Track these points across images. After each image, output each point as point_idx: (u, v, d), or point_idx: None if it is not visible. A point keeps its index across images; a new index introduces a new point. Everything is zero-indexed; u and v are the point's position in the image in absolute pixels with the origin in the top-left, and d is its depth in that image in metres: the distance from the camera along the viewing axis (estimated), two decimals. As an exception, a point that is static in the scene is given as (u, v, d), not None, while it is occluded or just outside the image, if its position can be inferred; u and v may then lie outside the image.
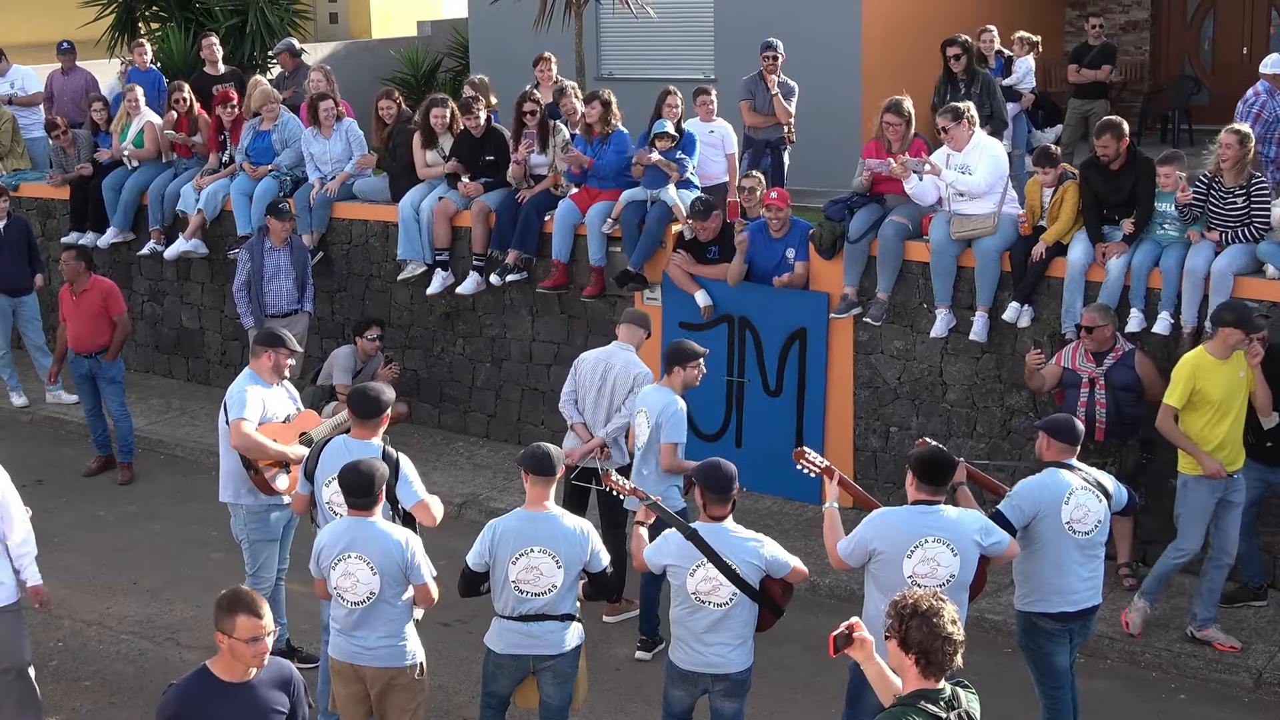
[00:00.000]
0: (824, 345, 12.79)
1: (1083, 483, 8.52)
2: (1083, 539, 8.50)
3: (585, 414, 11.01)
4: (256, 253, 14.14)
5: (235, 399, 9.74)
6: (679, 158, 13.26)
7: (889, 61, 17.62)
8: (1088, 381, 10.86)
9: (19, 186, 17.17)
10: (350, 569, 7.95)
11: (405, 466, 8.87)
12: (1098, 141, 11.60)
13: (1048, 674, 8.73)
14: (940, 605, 5.89)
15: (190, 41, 20.25)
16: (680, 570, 8.05)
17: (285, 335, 10.10)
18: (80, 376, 14.05)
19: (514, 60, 17.87)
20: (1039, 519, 8.41)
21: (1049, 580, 8.51)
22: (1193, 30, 21.27)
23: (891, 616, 5.94)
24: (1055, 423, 8.71)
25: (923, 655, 5.85)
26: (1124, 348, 10.94)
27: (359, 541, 7.98)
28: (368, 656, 8.11)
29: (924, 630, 5.83)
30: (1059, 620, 8.57)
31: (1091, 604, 8.66)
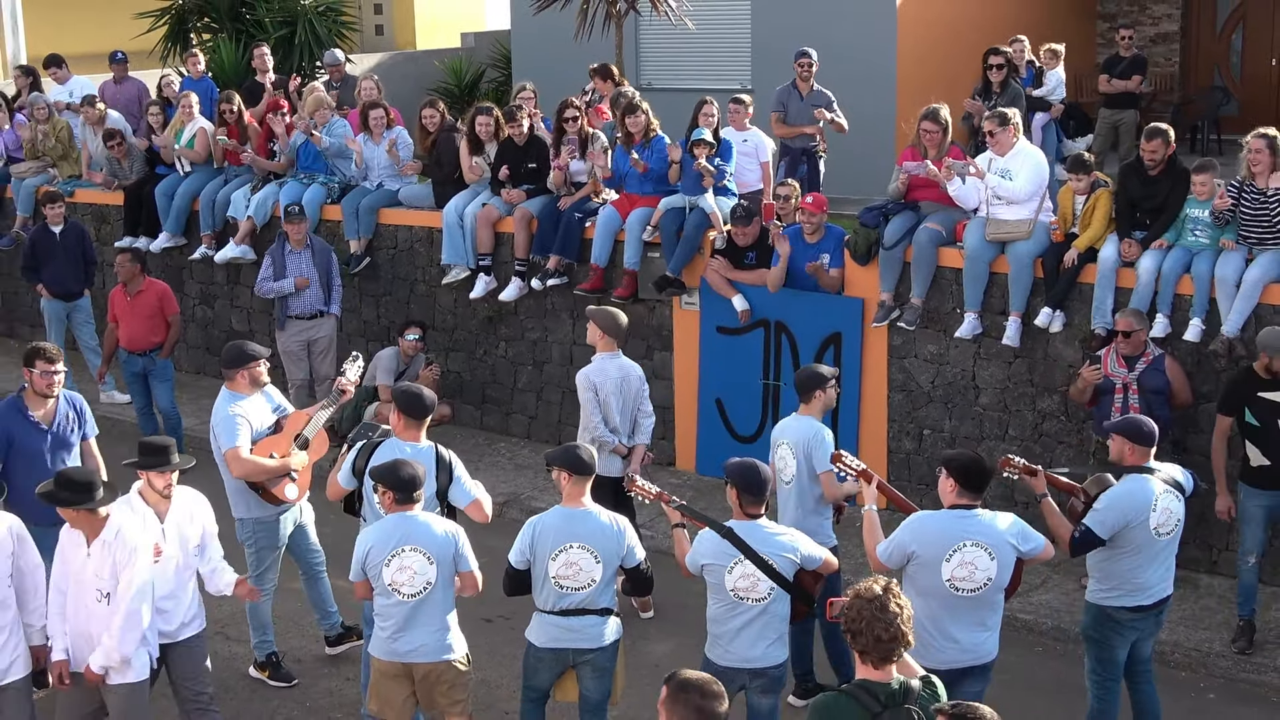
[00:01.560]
0: (859, 349, 12.74)
1: (1165, 487, 8.46)
2: (1166, 540, 8.49)
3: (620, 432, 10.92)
4: (278, 257, 14.17)
5: (222, 427, 9.72)
6: (717, 164, 13.21)
7: (923, 71, 17.56)
8: (1121, 387, 10.79)
9: (75, 192, 17.23)
10: (406, 562, 7.99)
11: (458, 468, 8.95)
12: (1146, 145, 11.49)
13: (1107, 665, 8.66)
14: (881, 595, 5.89)
15: (241, 52, 20.33)
16: (718, 569, 8.02)
17: (249, 347, 9.98)
18: (133, 375, 14.15)
19: (555, 71, 17.88)
20: (1128, 528, 8.35)
21: (1131, 578, 8.48)
22: (1222, 42, 21.15)
23: (845, 607, 5.97)
24: (1134, 426, 8.60)
25: (855, 641, 5.90)
26: (1154, 352, 10.87)
27: (413, 535, 8.03)
28: (419, 653, 8.15)
29: (863, 621, 5.86)
30: (1136, 612, 8.55)
31: (1166, 595, 8.65)
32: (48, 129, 17.49)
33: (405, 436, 8.88)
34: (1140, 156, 11.59)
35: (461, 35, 26.09)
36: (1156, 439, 8.60)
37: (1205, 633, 10.56)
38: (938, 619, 7.92)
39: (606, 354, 10.83)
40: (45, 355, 9.65)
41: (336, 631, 10.51)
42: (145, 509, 8.27)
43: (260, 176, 15.96)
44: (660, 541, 11.71)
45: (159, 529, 8.26)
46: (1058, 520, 8.53)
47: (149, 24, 22.08)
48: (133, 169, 16.85)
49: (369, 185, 15.37)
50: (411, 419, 8.87)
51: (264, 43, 18.79)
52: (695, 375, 13.65)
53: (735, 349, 13.30)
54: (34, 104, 17.54)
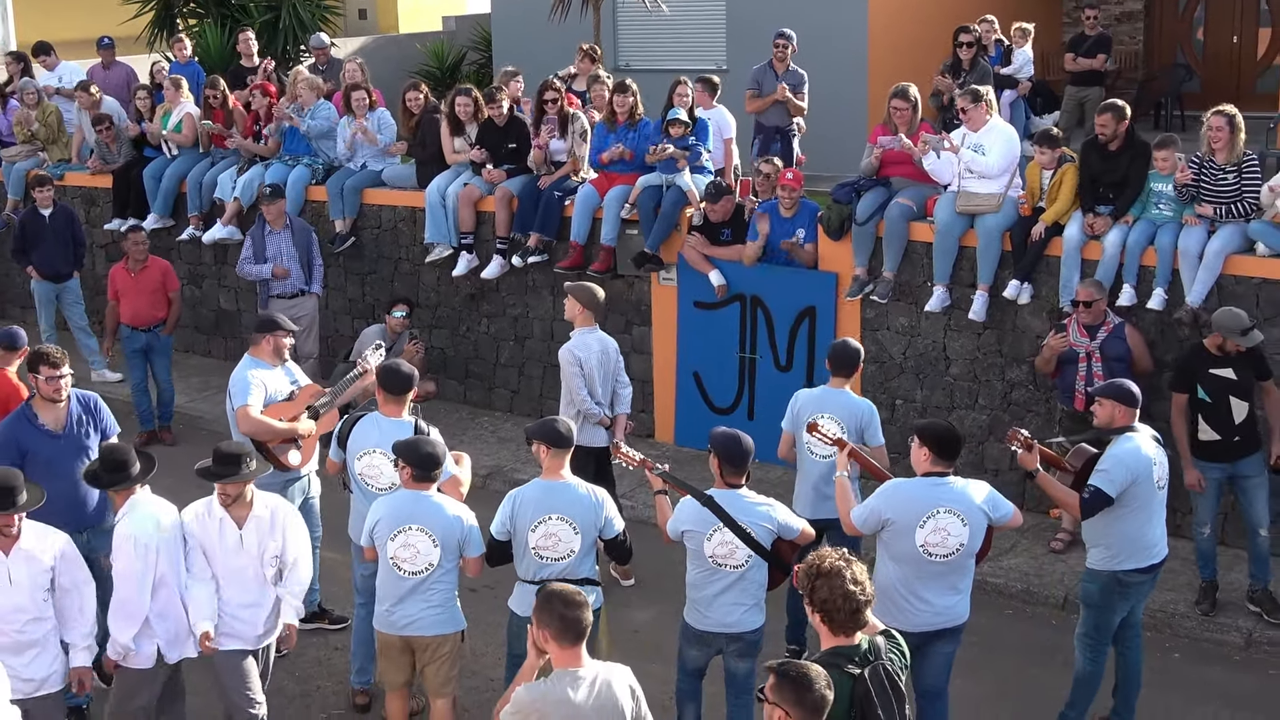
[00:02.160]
0: (832, 322, 12.75)
1: (1154, 444, 8.55)
2: (1162, 494, 8.58)
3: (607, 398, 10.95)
4: (258, 238, 14.15)
5: (238, 386, 9.74)
6: (692, 143, 13.21)
7: (894, 51, 17.57)
8: (1084, 356, 10.85)
9: (64, 176, 17.18)
10: (411, 540, 7.99)
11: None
12: (1098, 120, 11.57)
13: (1103, 630, 8.69)
14: (843, 567, 5.91)
15: (226, 37, 20.24)
16: (697, 535, 8.04)
17: (279, 318, 10.09)
18: (134, 351, 14.18)
19: (535, 53, 17.85)
20: (1134, 484, 8.38)
21: (1139, 537, 8.51)
22: (1184, 21, 21.17)
23: (803, 577, 5.98)
24: (1122, 389, 8.63)
25: (825, 614, 5.92)
26: (1114, 321, 10.94)
27: (421, 515, 8.02)
28: (415, 627, 8.16)
29: (826, 590, 5.89)
30: (1145, 573, 8.61)
31: (1165, 554, 8.72)
32: (38, 114, 17.42)
33: (386, 411, 8.86)
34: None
35: (443, 19, 26.02)
36: (1140, 401, 8.64)
37: (1170, 594, 10.60)
38: (911, 583, 7.96)
39: (586, 328, 10.82)
40: (49, 360, 9.15)
41: (311, 610, 10.38)
42: (222, 514, 8.07)
43: (246, 159, 15.91)
44: (641, 511, 11.74)
45: (236, 535, 8.07)
46: (1060, 490, 8.55)
47: (136, 9, 21.96)
48: (121, 152, 16.79)
49: (353, 166, 15.34)
50: (391, 394, 8.84)
51: (249, 28, 18.70)
52: (673, 349, 13.65)
53: (712, 323, 13.31)
54: (24, 89, 17.46)
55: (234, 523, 8.06)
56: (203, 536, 8.09)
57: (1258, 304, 10.97)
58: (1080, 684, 8.78)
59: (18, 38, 22.53)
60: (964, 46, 14.66)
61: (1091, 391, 9.02)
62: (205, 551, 8.09)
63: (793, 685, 5.39)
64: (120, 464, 8.08)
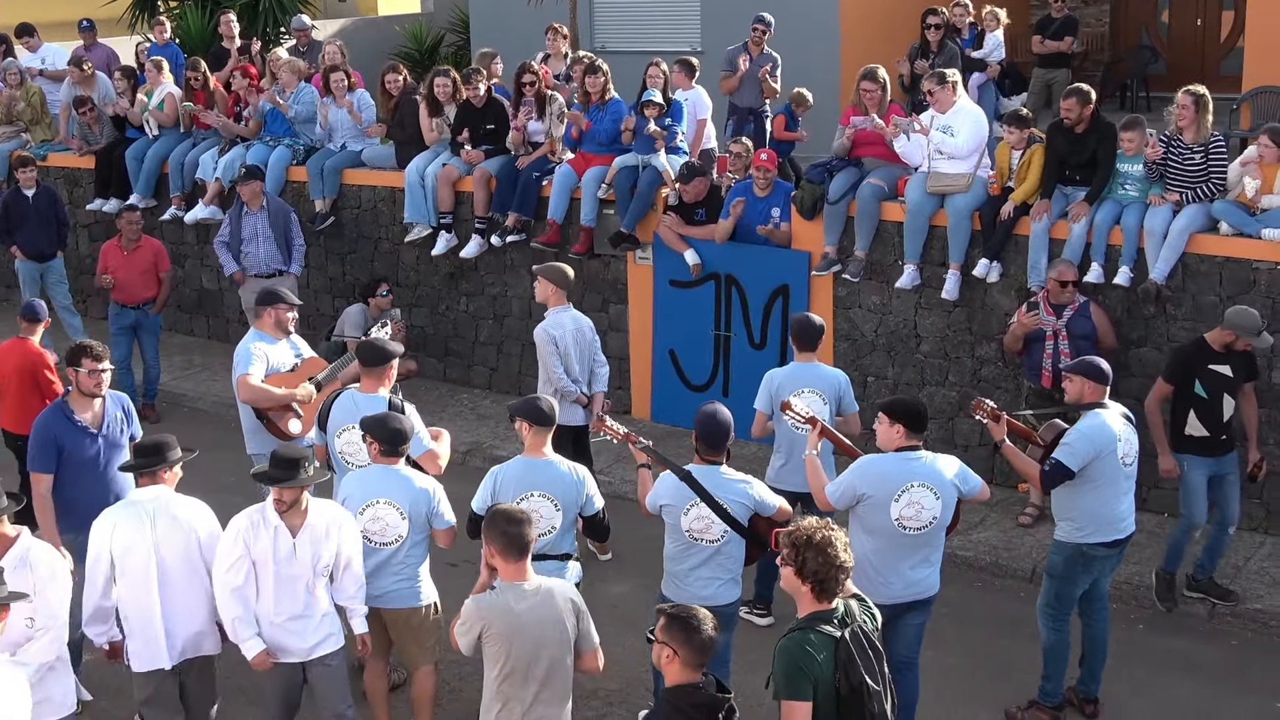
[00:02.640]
0: (805, 300, 12.73)
1: (1123, 421, 8.54)
2: (1129, 470, 8.56)
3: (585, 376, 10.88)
4: (234, 218, 14.07)
5: (240, 356, 9.81)
6: (666, 124, 13.17)
7: (866, 33, 17.54)
8: (1051, 334, 10.87)
9: (47, 156, 17.07)
10: (380, 513, 7.99)
11: (413, 417, 8.81)
12: (1063, 105, 11.59)
13: (1065, 601, 8.71)
14: (832, 535, 5.96)
15: (207, 19, 20.10)
16: (675, 510, 8.03)
17: (281, 291, 10.13)
18: (122, 328, 14.14)
19: (513, 35, 17.77)
20: (1098, 459, 8.38)
21: (1105, 512, 8.51)
22: (1150, 4, 21.16)
23: (787, 547, 5.99)
24: (1092, 366, 8.62)
25: (818, 583, 5.94)
26: (1079, 300, 10.93)
27: (389, 489, 8.03)
28: (387, 600, 8.16)
29: (819, 560, 5.91)
30: (1110, 547, 8.62)
31: (1132, 530, 8.72)
32: (21, 94, 17.28)
33: (364, 388, 8.84)
34: (1065, 114, 11.65)
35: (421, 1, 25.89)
36: (1111, 377, 8.64)
37: (1135, 567, 10.63)
38: (885, 556, 7.97)
39: (559, 308, 10.75)
40: (91, 353, 8.70)
41: None
42: (278, 521, 7.55)
43: (227, 140, 15.82)
44: (618, 487, 11.74)
45: (290, 544, 7.52)
46: (1023, 461, 8.57)
47: (118, -8, 21.83)
48: (103, 133, 16.70)
49: (333, 147, 15.27)
50: (368, 368, 8.83)
51: (229, 10, 18.58)
52: (649, 327, 13.63)
53: (687, 301, 13.28)
54: (6, 70, 17.33)
55: (288, 531, 7.52)
56: (254, 545, 7.50)
57: (1220, 282, 10.99)
58: (1049, 655, 8.81)
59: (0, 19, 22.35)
60: (932, 29, 14.68)
61: (1063, 368, 9.02)
62: (255, 562, 7.51)
63: (682, 626, 5.79)
64: (156, 447, 7.72)
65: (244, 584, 7.51)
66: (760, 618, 10.14)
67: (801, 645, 5.86)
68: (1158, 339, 11.31)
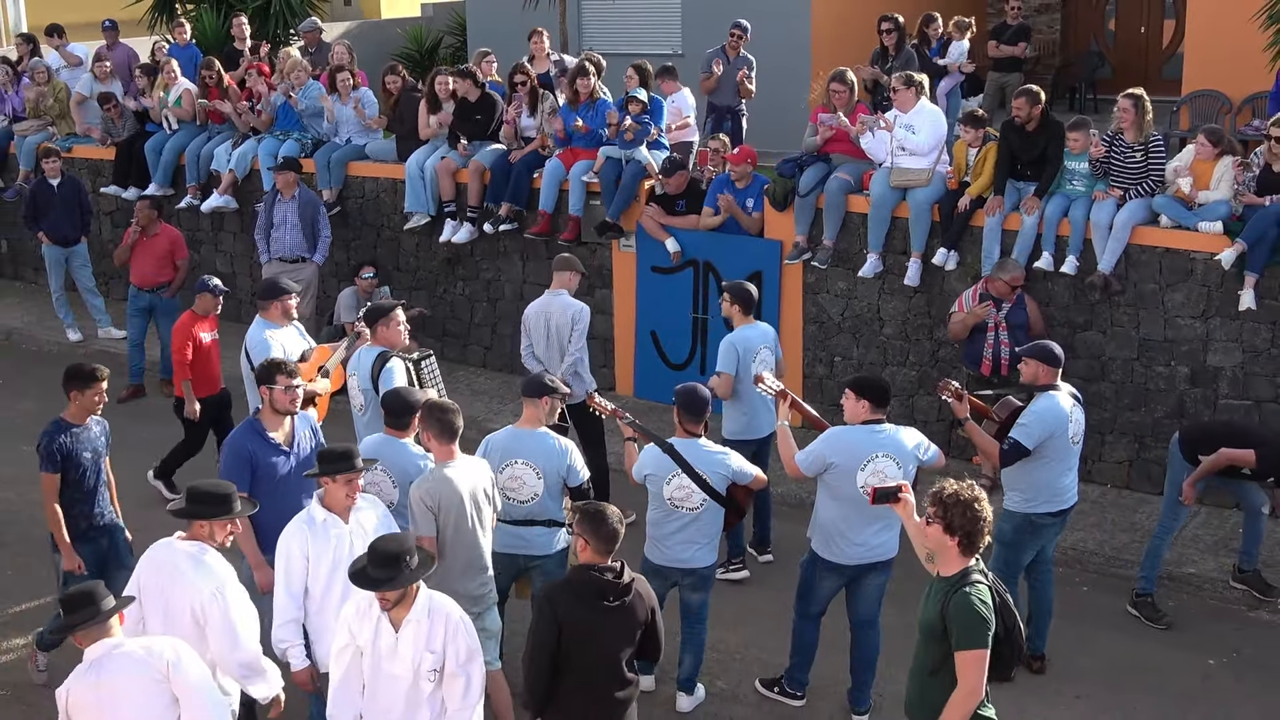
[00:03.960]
0: (777, 286, 12.76)
1: (1073, 401, 8.58)
2: (1077, 448, 8.63)
3: (544, 361, 10.71)
4: (268, 204, 14.08)
5: (257, 347, 9.80)
6: (644, 120, 13.18)
7: (834, 39, 17.54)
8: (993, 325, 10.88)
9: (72, 148, 17.01)
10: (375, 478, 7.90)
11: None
12: (1015, 104, 11.63)
13: (1013, 565, 8.77)
14: (977, 494, 6.07)
15: (221, 20, 20.03)
16: (658, 479, 8.08)
17: (282, 281, 10.22)
18: (138, 309, 14.07)
19: (506, 38, 17.72)
20: (1051, 438, 8.43)
21: (1052, 485, 8.57)
22: (1097, 12, 21.19)
23: (935, 504, 6.08)
24: (1046, 350, 8.62)
25: (965, 537, 6.03)
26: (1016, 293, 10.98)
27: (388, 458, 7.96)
28: None
29: (966, 516, 6.01)
30: (1055, 517, 8.68)
31: (1075, 500, 8.79)
32: (48, 90, 17.22)
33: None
34: (1017, 114, 11.67)
35: (421, 5, 25.83)
36: (1063, 360, 8.69)
37: (1080, 534, 10.70)
38: (850, 520, 8.04)
39: (551, 289, 10.79)
40: (285, 369, 8.02)
41: None
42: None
43: (241, 133, 15.79)
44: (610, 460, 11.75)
45: (393, 639, 6.28)
46: (984, 439, 8.61)
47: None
48: (125, 127, 16.65)
49: (339, 141, 15.26)
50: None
51: (242, 13, 18.52)
52: (633, 310, 13.65)
53: (668, 286, 13.30)
54: (34, 68, 17.28)
55: (391, 625, 6.31)
56: (357, 632, 6.42)
57: (1160, 271, 11.05)
58: None
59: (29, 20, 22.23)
60: (886, 34, 14.67)
61: (1019, 351, 9.05)
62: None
63: (592, 519, 6.44)
64: (345, 454, 7.07)
65: (346, 677, 6.45)
66: (736, 572, 10.20)
67: (976, 599, 5.98)
68: (1101, 323, 11.37)
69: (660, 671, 8.72)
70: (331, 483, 7.05)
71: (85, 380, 8.46)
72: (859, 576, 8.22)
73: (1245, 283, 10.59)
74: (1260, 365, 10.77)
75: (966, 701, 5.97)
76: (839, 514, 8.04)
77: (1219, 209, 10.78)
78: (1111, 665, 9.17)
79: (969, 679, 5.95)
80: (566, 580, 6.52)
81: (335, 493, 7.06)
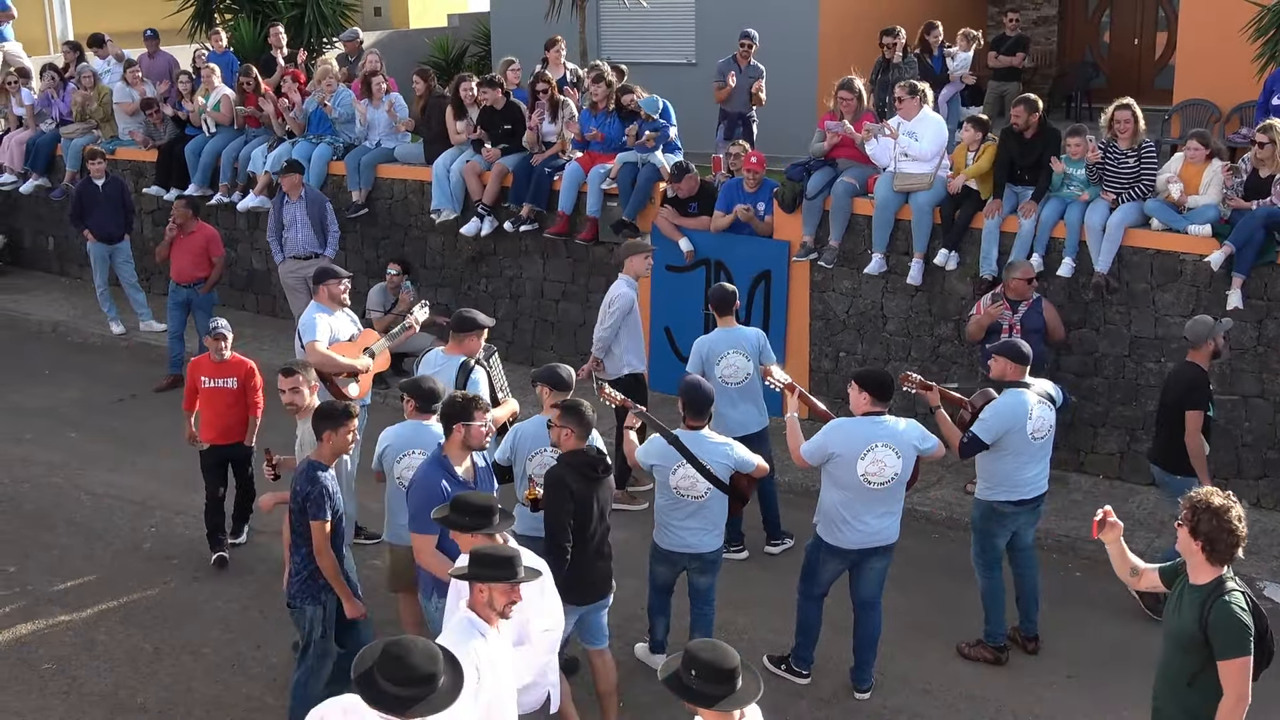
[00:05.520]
0: (785, 284, 12.75)
1: (1038, 399, 8.53)
2: (1040, 443, 8.56)
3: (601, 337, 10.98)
4: (277, 206, 14.10)
5: (306, 326, 9.89)
6: (659, 124, 13.20)
7: (840, 49, 17.48)
8: (1008, 327, 10.77)
9: (115, 150, 17.06)
10: (414, 462, 7.94)
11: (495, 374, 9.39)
12: (1013, 112, 11.62)
13: (989, 551, 8.76)
14: (1230, 504, 5.80)
15: (258, 30, 20.07)
16: (664, 469, 8.07)
17: (334, 267, 10.25)
18: (176, 303, 14.12)
19: (528, 46, 17.71)
20: (1008, 434, 8.41)
21: (1012, 476, 8.55)
22: (1092, 24, 21.14)
23: (1187, 507, 5.86)
24: (1014, 348, 8.61)
25: (1208, 543, 5.78)
26: (1033, 296, 10.88)
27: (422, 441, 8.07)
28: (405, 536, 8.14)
29: (1212, 524, 5.76)
30: (1017, 505, 8.63)
31: (1042, 491, 8.74)
32: (93, 95, 17.27)
33: (448, 350, 9.15)
34: (1016, 121, 11.64)
35: (448, 16, 25.83)
36: (1032, 358, 8.67)
37: (1074, 522, 10.69)
38: (852, 507, 8.03)
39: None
40: (480, 405, 7.50)
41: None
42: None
43: (276, 137, 15.83)
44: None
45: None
46: (949, 429, 8.61)
47: (179, 5, 21.74)
48: (166, 131, 16.72)
49: (369, 144, 15.28)
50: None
51: (278, 22, 18.54)
52: (648, 307, 13.63)
53: (681, 284, 13.29)
54: (81, 74, 17.33)
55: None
56: None
57: (1151, 272, 11.03)
58: (985, 598, 8.88)
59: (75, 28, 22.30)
60: (887, 47, 14.62)
61: (989, 348, 9.04)
62: None
63: (574, 413, 7.49)
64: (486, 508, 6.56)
65: None
66: (737, 553, 10.24)
67: (1236, 607, 5.76)
68: (1095, 321, 11.35)
69: (672, 648, 8.73)
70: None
71: (337, 419, 7.62)
72: (861, 560, 8.22)
73: (1233, 283, 10.56)
74: (1246, 362, 10.74)
75: (1237, 708, 5.74)
76: (841, 500, 8.05)
77: (1208, 213, 10.75)
78: (1103, 647, 9.14)
79: (1237, 686, 5.73)
80: (565, 463, 7.48)
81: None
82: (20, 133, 17.84)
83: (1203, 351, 9.18)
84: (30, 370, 14.74)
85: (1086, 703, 8.51)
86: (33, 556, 10.38)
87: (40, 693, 8.54)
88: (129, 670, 8.79)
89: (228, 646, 9.07)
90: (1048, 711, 8.42)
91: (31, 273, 18.46)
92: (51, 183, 17.75)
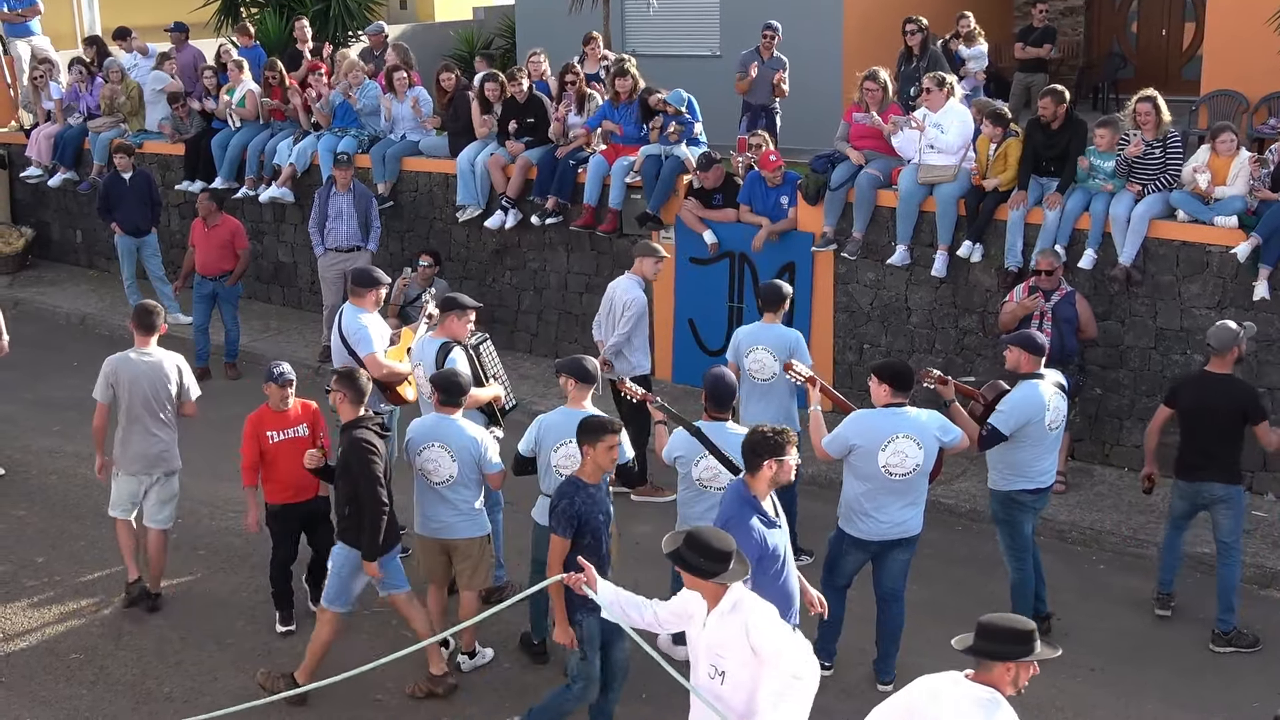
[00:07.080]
0: (809, 276, 12.75)
1: (1054, 389, 8.56)
2: (1055, 433, 8.60)
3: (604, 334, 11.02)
4: (324, 197, 14.11)
5: (358, 335, 9.66)
6: (684, 118, 13.21)
7: (865, 41, 17.47)
8: (1038, 315, 10.73)
9: (143, 144, 17.16)
10: (434, 455, 8.17)
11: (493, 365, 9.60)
12: (1040, 103, 11.57)
13: (1018, 540, 8.77)
14: None
15: (283, 23, 20.14)
16: (686, 461, 8.11)
17: (376, 273, 10.11)
18: (202, 296, 14.24)
19: (554, 39, 17.73)
20: (1028, 424, 8.43)
21: (1028, 467, 8.57)
22: (1120, 15, 21.02)
23: None
24: (1029, 339, 8.65)
25: None
26: (1066, 288, 10.84)
27: (443, 434, 8.20)
28: (443, 531, 8.34)
29: None
30: (1034, 494, 8.66)
31: (1052, 482, 8.78)
32: (121, 89, 17.39)
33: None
34: (1044, 112, 11.60)
35: (473, 9, 25.85)
36: (1047, 349, 8.66)
37: (1098, 514, 10.67)
38: (874, 498, 8.05)
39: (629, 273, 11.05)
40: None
41: None
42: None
43: (301, 130, 15.89)
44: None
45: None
46: (965, 422, 8.60)
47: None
48: (193, 124, 16.81)
49: (394, 137, 15.33)
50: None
51: (303, 16, 18.62)
52: (671, 299, 13.66)
53: (705, 276, 13.31)
54: (109, 68, 17.44)
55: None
56: None
57: (1176, 264, 10.99)
58: (1015, 590, 8.88)
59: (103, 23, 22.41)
60: (910, 35, 14.58)
61: (1004, 339, 9.03)
62: None
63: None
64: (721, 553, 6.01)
65: None
66: None
67: None
68: (1120, 313, 11.32)
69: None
70: None
71: (596, 432, 7.24)
72: (883, 552, 8.23)
73: (1259, 274, 10.51)
74: (1274, 354, 10.69)
75: None
76: (863, 492, 8.06)
77: (1234, 204, 10.70)
78: (1126, 639, 9.13)
79: None
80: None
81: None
82: (48, 126, 17.97)
83: (1227, 358, 8.96)
84: (58, 363, 14.86)
85: (1109, 695, 8.51)
86: (60, 547, 10.49)
87: (68, 682, 8.64)
88: (155, 660, 8.88)
89: (253, 637, 9.15)
90: (1070, 704, 8.42)
91: (59, 265, 18.60)
92: (79, 176, 17.87)
